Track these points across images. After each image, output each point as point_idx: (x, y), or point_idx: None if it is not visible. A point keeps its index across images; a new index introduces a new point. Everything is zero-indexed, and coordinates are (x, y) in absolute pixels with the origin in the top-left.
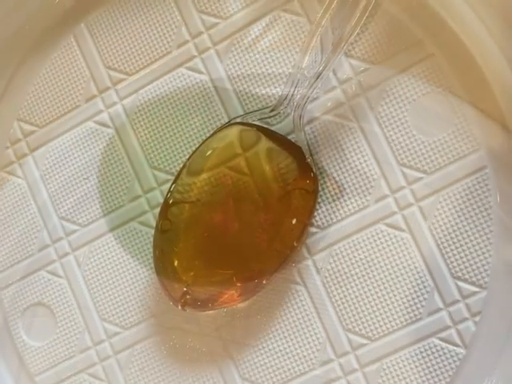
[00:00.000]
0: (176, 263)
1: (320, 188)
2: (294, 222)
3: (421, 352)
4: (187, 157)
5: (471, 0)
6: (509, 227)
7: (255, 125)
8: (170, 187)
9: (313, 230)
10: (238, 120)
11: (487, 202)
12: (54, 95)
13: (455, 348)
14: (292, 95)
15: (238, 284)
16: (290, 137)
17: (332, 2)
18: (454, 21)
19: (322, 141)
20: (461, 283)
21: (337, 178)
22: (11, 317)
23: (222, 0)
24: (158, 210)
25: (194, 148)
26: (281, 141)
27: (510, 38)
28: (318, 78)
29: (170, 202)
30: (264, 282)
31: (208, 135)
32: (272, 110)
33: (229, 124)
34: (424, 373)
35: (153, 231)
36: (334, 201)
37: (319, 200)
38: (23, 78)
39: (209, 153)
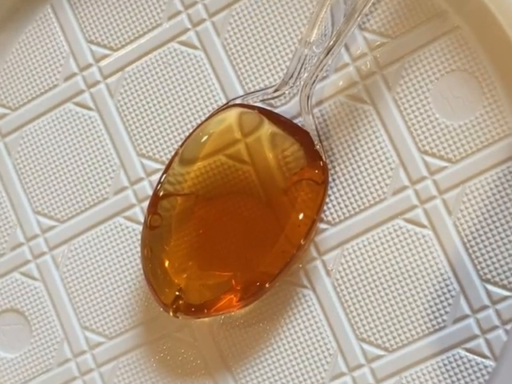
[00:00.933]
0: (167, 264)
1: (330, 179)
2: (300, 217)
3: (445, 365)
4: (179, 143)
5: None
6: None
7: (257, 107)
8: (161, 178)
9: (322, 226)
10: (238, 101)
11: None
12: (29, 73)
13: (484, 360)
14: (299, 73)
15: (238, 287)
16: (296, 120)
17: None
18: None
19: (333, 125)
20: (490, 287)
21: (349, 168)
22: None
23: None
24: (146, 204)
25: (187, 133)
26: (286, 125)
27: None
28: (328, 53)
29: (161, 194)
30: (267, 285)
31: (203, 118)
32: (276, 90)
33: (227, 106)
34: None
35: (141, 228)
36: (346, 193)
37: (329, 192)
38: None
39: (204, 139)
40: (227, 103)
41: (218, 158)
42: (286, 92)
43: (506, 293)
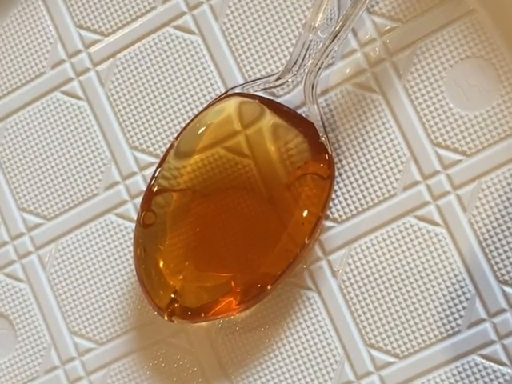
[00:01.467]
0: (162, 264)
1: (337, 173)
2: (304, 214)
3: (459, 372)
4: (175, 135)
5: None
6: None
7: (258, 96)
8: (155, 172)
9: (328, 223)
10: (237, 90)
11: None
12: (13, 60)
13: (501, 367)
14: (303, 60)
15: (237, 290)
16: (300, 111)
17: None
18: None
19: (339, 116)
20: (508, 289)
21: (357, 161)
22: None
23: None
24: (139, 200)
25: (183, 124)
26: (289, 115)
27: None
28: (334, 39)
29: (155, 190)
30: (268, 287)
31: (200, 109)
32: (278, 79)
33: (226, 95)
34: None
35: (133, 225)
36: (353, 189)
37: (336, 188)
38: None
39: (201, 130)
40: (226, 92)
41: (217, 150)
42: (289, 80)
43: None
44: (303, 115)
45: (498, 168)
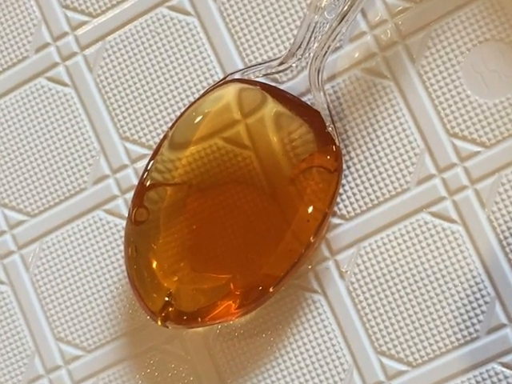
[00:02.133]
0: (155, 265)
1: (345, 166)
2: (310, 210)
3: (477, 382)
4: (169, 125)
5: None
6: None
7: (259, 82)
8: (147, 165)
9: (335, 220)
10: (237, 76)
11: None
12: None
13: None
14: (308, 43)
15: (237, 292)
16: (304, 98)
17: None
18: None
19: (348, 104)
20: None
21: (366, 153)
22: None
23: None
24: (130, 195)
25: (178, 113)
26: (293, 103)
27: None
28: (341, 20)
29: (147, 184)
30: (271, 289)
31: (197, 96)
32: (281, 63)
33: (224, 81)
34: None
35: (124, 223)
36: (362, 183)
37: (343, 182)
38: None
39: (198, 119)
40: (224, 78)
41: (214, 141)
42: (293, 65)
43: None
44: (308, 103)
45: None
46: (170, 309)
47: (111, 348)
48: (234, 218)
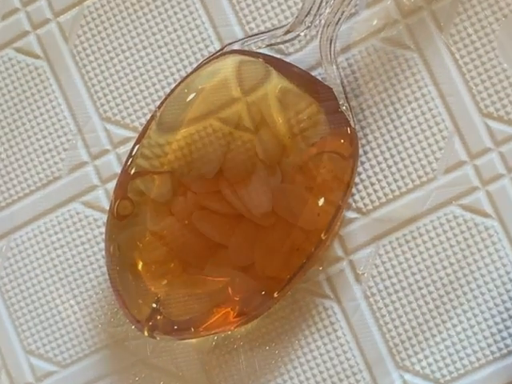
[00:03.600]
0: (141, 266)
1: (361, 151)
2: (321, 202)
3: None
4: (157, 104)
5: None
6: None
7: (262, 54)
8: (132, 150)
9: (349, 215)
10: (236, 47)
11: None
12: None
13: None
14: (318, 9)
15: (236, 298)
16: (314, 72)
17: None
18: None
19: (365, 79)
20: None
21: (386, 136)
22: None
23: None
24: (112, 185)
25: (167, 90)
26: (301, 78)
27: None
28: None
29: (132, 172)
30: (275, 294)
31: (190, 70)
32: (287, 32)
33: (221, 52)
34: None
35: (105, 217)
36: (382, 171)
37: (360, 169)
38: None
39: (191, 97)
40: (222, 49)
41: (210, 122)
42: (302, 34)
43: None
44: (319, 78)
45: None
46: (159, 317)
47: (90, 363)
48: (233, 211)
